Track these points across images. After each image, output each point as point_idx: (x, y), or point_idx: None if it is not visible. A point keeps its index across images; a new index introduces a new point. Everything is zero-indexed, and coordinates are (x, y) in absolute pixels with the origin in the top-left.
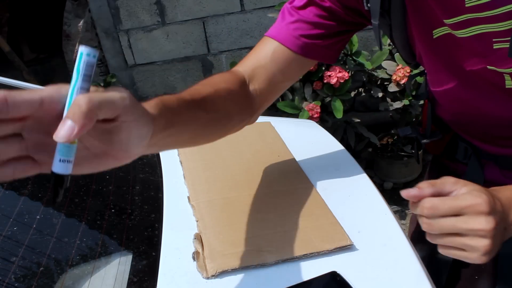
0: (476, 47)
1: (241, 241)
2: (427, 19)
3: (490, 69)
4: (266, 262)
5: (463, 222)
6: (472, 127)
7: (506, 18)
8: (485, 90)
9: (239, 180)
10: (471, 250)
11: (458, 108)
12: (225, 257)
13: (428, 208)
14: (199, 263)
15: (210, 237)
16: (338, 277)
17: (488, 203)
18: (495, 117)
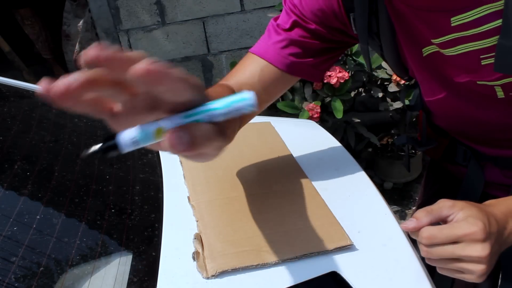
0: (465, 64)
1: (241, 241)
2: (415, 39)
3: (480, 83)
4: (266, 262)
5: (460, 250)
6: (469, 132)
7: (491, 35)
8: (477, 101)
9: (239, 180)
10: (468, 273)
11: (452, 116)
12: (225, 257)
13: (426, 238)
14: (199, 263)
15: (210, 237)
16: (338, 277)
17: (483, 231)
18: (490, 123)
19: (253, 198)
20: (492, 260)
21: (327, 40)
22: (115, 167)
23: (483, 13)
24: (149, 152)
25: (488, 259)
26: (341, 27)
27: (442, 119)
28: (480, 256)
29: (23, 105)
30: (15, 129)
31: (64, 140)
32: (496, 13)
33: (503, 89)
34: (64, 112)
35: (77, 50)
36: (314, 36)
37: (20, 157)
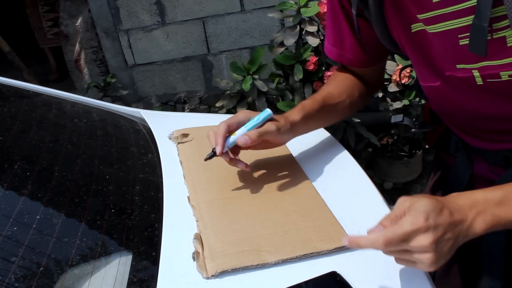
0: (445, 44)
1: (241, 241)
2: (405, 13)
3: (459, 67)
4: (266, 262)
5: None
6: (456, 120)
7: (467, 14)
8: (460, 87)
9: (239, 180)
10: (419, 262)
11: (440, 101)
12: (225, 257)
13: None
14: (199, 263)
15: (210, 237)
16: (338, 277)
17: (424, 222)
18: (474, 111)
19: (253, 198)
20: (444, 249)
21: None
22: (115, 167)
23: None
24: (149, 152)
25: (433, 247)
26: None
27: (434, 104)
28: (423, 246)
29: (23, 105)
30: (15, 129)
31: (64, 140)
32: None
33: (480, 74)
34: (64, 112)
35: (77, 50)
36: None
37: (20, 157)
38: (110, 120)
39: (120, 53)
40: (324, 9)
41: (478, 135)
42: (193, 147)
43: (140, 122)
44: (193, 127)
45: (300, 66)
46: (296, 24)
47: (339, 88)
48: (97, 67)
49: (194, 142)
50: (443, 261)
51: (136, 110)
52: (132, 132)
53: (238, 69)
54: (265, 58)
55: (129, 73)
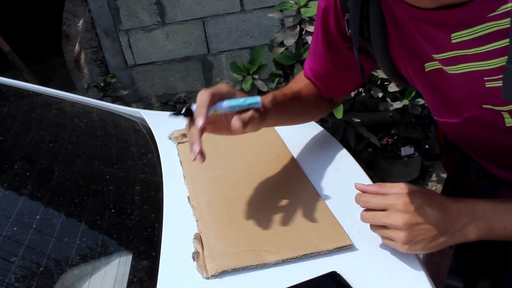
0: (468, 85)
1: (241, 241)
2: (418, 52)
3: (486, 107)
4: (266, 262)
5: (385, 217)
6: (479, 151)
7: (496, 56)
8: (484, 127)
9: (239, 180)
10: (394, 240)
11: (460, 136)
12: (225, 257)
13: (362, 201)
14: (199, 263)
15: (210, 237)
16: (338, 277)
17: (404, 204)
18: (499, 146)
19: (253, 198)
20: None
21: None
22: (115, 167)
23: (486, 31)
24: (149, 152)
25: (406, 227)
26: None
27: (451, 137)
28: (398, 224)
29: (23, 105)
30: (15, 129)
31: (64, 140)
32: (501, 32)
33: (511, 114)
34: (64, 112)
35: (77, 50)
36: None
37: (20, 157)
38: (110, 120)
39: (120, 53)
40: None
41: (503, 165)
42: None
43: (140, 122)
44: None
45: (300, 66)
46: (296, 24)
47: (309, 90)
48: (97, 67)
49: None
50: (417, 248)
51: (136, 110)
52: (132, 132)
53: (238, 69)
54: (265, 58)
55: (129, 73)
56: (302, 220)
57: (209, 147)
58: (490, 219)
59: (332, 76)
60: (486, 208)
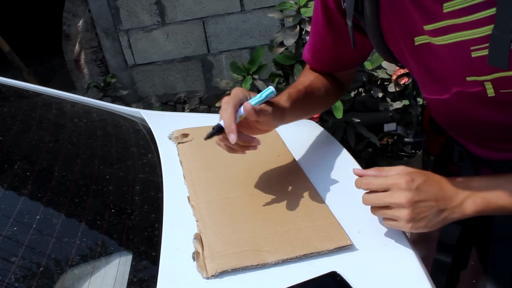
0: (455, 56)
1: (241, 241)
2: (408, 25)
3: (469, 80)
4: (266, 262)
5: (388, 197)
6: (462, 129)
7: (483, 24)
8: (468, 99)
9: (239, 180)
10: (397, 219)
11: (445, 112)
12: (225, 257)
13: (364, 184)
14: (199, 263)
15: (210, 237)
16: (338, 277)
17: (406, 183)
18: (482, 121)
19: (253, 198)
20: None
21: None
22: (115, 167)
23: (475, 1)
24: (149, 152)
25: (410, 205)
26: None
27: (437, 115)
28: (402, 202)
29: (23, 105)
30: (15, 129)
31: (64, 140)
32: (490, 1)
33: (493, 85)
34: (64, 112)
35: (77, 50)
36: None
37: (20, 157)
38: (110, 120)
39: (120, 53)
40: None
41: (485, 144)
42: (193, 147)
43: (140, 122)
44: (193, 127)
45: (300, 66)
46: (296, 24)
47: (319, 81)
48: (97, 67)
49: (194, 142)
50: (420, 226)
51: (136, 110)
52: (132, 132)
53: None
54: (265, 58)
55: (129, 73)
56: (302, 220)
57: (208, 147)
58: (486, 193)
59: (329, 50)
60: (480, 184)
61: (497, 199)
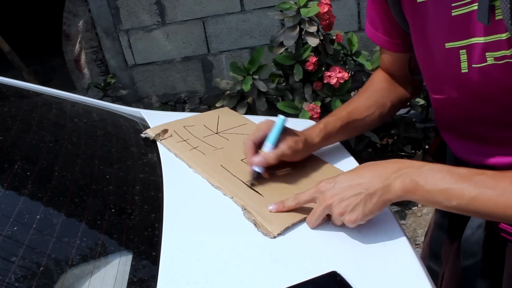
0: (438, 12)
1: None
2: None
3: (448, 47)
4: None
5: (318, 206)
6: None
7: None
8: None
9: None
10: (335, 220)
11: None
12: (278, 217)
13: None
14: (261, 227)
15: (254, 206)
16: (338, 277)
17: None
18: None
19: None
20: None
21: None
22: (115, 167)
23: None
24: (149, 152)
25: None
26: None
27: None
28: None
29: (23, 105)
30: (15, 129)
31: (64, 140)
32: None
33: (467, 56)
34: (64, 112)
35: (77, 50)
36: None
37: (20, 157)
38: (110, 120)
39: (120, 53)
40: (324, 9)
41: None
42: (178, 139)
43: (140, 122)
44: (167, 123)
45: (300, 66)
46: (296, 24)
47: (370, 100)
48: (97, 67)
49: (176, 136)
50: (358, 216)
51: (136, 110)
52: (132, 132)
53: (238, 69)
54: (265, 58)
55: (129, 73)
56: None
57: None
58: (415, 174)
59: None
60: (414, 164)
61: (425, 182)
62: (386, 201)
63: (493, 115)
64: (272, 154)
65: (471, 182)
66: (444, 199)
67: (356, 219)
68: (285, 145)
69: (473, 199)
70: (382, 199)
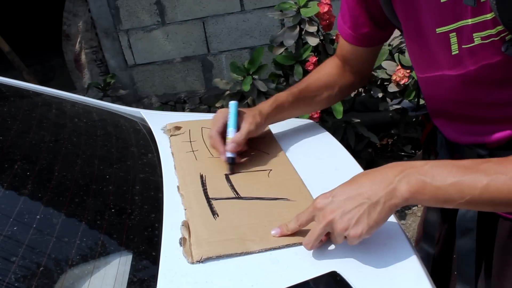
0: (427, 2)
1: (226, 230)
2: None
3: (439, 32)
4: (250, 250)
5: (317, 224)
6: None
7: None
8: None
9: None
10: (338, 236)
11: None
12: (210, 245)
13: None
14: (185, 248)
15: (197, 224)
16: (338, 277)
17: (321, 200)
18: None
19: (240, 189)
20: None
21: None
22: (115, 167)
23: None
24: (149, 152)
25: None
26: None
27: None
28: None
29: (23, 105)
30: (15, 129)
31: (64, 140)
32: None
33: (457, 38)
34: (64, 112)
35: (77, 50)
36: None
37: (20, 157)
38: (110, 120)
39: (120, 53)
40: (324, 9)
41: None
42: (185, 139)
43: (140, 122)
44: (185, 121)
45: (300, 66)
46: (296, 24)
47: (320, 82)
48: (97, 67)
49: (186, 135)
50: (364, 228)
51: (136, 110)
52: (132, 132)
53: (238, 69)
54: (265, 58)
55: (129, 73)
56: (287, 211)
57: (200, 141)
58: (420, 172)
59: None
60: (415, 164)
61: (432, 179)
62: (392, 208)
63: (483, 95)
64: (239, 135)
65: (480, 171)
66: (455, 193)
67: (362, 232)
68: (246, 123)
69: (486, 188)
70: (388, 206)
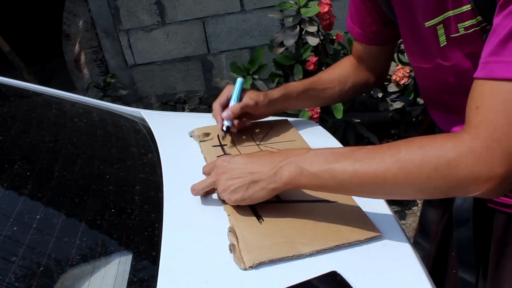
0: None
1: (274, 234)
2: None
3: (427, 25)
4: (301, 253)
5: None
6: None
7: None
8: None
9: None
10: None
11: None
12: (260, 249)
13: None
14: (236, 255)
15: (244, 230)
16: (338, 277)
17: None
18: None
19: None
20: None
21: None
22: (115, 167)
23: None
24: (149, 152)
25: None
26: None
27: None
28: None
29: (23, 105)
30: (15, 129)
31: (64, 140)
32: None
33: (444, 30)
34: (64, 112)
35: (77, 50)
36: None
37: (20, 157)
38: (110, 120)
39: (120, 53)
40: (324, 9)
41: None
42: (215, 143)
43: (140, 122)
44: (212, 126)
45: (300, 66)
46: (296, 24)
47: (333, 75)
48: (97, 67)
49: (215, 140)
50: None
51: (136, 110)
52: (132, 132)
53: (238, 69)
54: (265, 58)
55: (129, 73)
56: (330, 213)
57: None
58: (300, 161)
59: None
60: (300, 152)
61: (309, 166)
62: (270, 191)
63: None
64: (236, 105)
65: (352, 157)
66: (329, 178)
67: (235, 200)
68: (247, 97)
69: (355, 172)
70: (270, 187)
